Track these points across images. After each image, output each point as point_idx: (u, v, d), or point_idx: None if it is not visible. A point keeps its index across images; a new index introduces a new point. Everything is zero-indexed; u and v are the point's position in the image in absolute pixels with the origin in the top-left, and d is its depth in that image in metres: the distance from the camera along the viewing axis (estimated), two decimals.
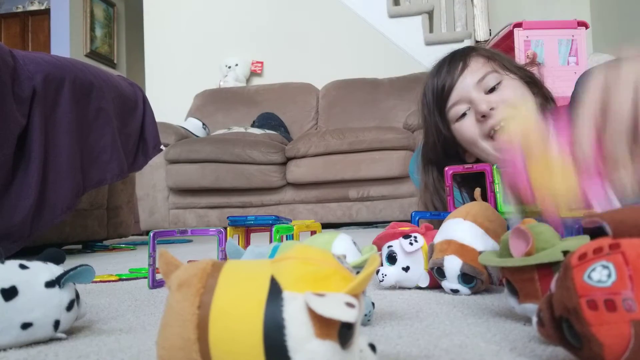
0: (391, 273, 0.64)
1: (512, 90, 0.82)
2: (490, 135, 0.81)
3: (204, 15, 3.68)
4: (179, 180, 2.65)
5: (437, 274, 0.60)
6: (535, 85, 0.86)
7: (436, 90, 0.85)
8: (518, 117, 0.50)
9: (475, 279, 0.58)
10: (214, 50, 3.62)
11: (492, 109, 0.80)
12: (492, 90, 0.82)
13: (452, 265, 0.58)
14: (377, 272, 0.65)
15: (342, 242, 0.49)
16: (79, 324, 0.51)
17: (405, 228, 0.66)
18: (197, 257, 0.95)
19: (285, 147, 2.67)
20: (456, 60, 0.85)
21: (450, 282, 0.59)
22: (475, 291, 0.59)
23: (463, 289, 0.58)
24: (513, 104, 0.80)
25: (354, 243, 0.50)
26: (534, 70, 0.89)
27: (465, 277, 0.58)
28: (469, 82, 0.82)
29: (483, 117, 0.80)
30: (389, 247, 0.66)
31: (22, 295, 0.42)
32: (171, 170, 2.67)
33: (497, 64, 0.84)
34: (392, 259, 0.65)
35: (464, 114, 0.83)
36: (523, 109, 0.79)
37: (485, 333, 0.43)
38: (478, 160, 0.87)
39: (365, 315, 0.47)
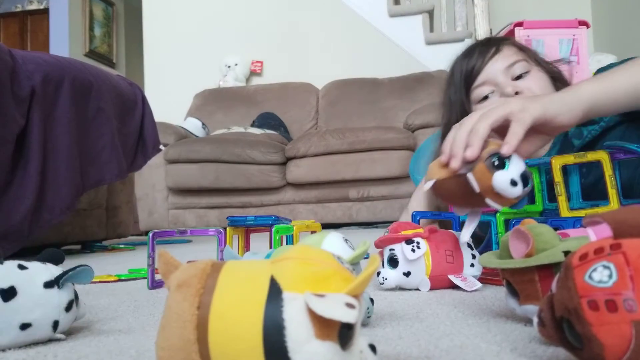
0: (392, 277, 0.64)
1: (538, 81, 0.84)
2: None
3: (203, 14, 3.68)
4: (178, 180, 2.65)
5: (491, 166, 0.55)
6: (560, 82, 0.88)
7: (466, 70, 0.88)
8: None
9: (530, 182, 0.56)
10: (214, 50, 3.62)
11: (517, 92, 0.82)
12: (518, 78, 0.84)
13: (519, 162, 0.55)
14: (378, 274, 0.65)
15: (332, 240, 0.48)
16: (78, 325, 0.51)
17: (409, 232, 0.66)
18: (196, 258, 0.95)
19: (285, 147, 2.66)
20: (490, 45, 0.88)
21: (512, 174, 0.55)
22: (524, 195, 0.56)
23: (519, 185, 0.54)
24: (536, 93, 0.81)
25: (346, 240, 0.49)
26: (564, 68, 0.92)
27: (523, 178, 0.55)
28: (499, 66, 0.85)
29: None
30: (390, 250, 0.65)
31: (20, 295, 0.42)
32: (171, 170, 2.67)
33: (528, 55, 0.87)
34: (393, 261, 0.64)
35: (486, 97, 0.85)
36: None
37: (486, 334, 0.43)
38: None
39: (367, 312, 0.47)
